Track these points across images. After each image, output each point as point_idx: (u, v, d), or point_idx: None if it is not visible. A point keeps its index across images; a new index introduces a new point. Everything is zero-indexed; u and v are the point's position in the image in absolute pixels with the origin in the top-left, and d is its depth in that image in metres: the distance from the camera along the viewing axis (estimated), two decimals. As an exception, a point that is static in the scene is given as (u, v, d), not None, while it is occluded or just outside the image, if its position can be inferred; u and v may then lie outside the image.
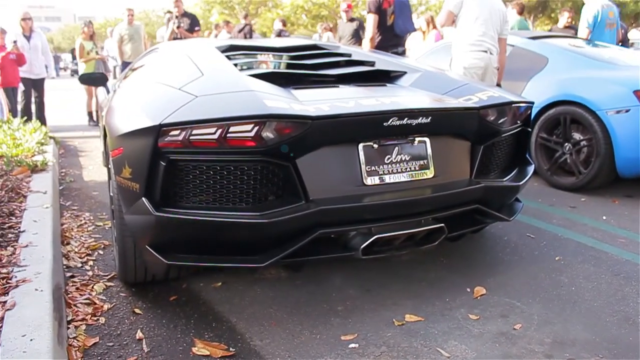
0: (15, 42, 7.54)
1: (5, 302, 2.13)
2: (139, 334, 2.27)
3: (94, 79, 4.69)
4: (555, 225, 3.63)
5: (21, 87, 7.80)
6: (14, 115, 7.14)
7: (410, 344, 2.19)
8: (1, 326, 1.95)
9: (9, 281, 2.32)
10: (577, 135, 4.43)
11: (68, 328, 2.27)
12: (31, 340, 1.85)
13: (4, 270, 2.42)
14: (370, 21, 5.52)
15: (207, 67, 2.79)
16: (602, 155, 4.18)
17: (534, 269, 2.90)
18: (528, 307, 2.49)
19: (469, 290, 2.65)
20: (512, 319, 2.39)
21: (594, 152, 4.25)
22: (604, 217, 3.80)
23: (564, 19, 8.27)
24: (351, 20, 8.78)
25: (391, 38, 5.65)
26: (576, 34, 7.81)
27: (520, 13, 8.48)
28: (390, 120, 2.30)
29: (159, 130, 2.10)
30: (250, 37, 10.31)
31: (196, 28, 8.40)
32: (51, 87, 11.67)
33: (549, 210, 3.99)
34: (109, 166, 2.74)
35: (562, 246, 3.24)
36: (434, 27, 8.02)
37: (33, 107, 8.03)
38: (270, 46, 3.68)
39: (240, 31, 10.54)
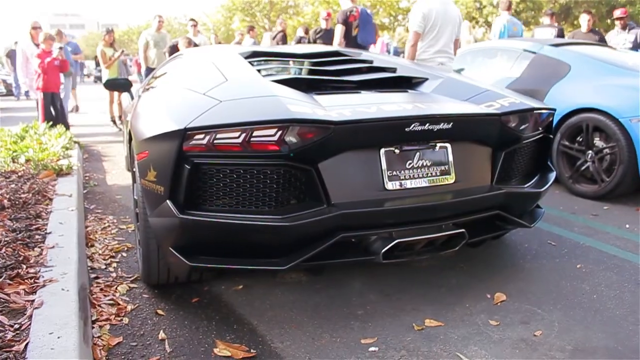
0: (61, 48, 7.59)
1: (33, 300, 2.18)
2: (162, 335, 2.31)
3: (119, 85, 4.76)
4: (577, 233, 3.60)
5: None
6: (49, 120, 7.13)
7: (429, 348, 2.20)
8: (30, 323, 2.00)
9: (37, 281, 2.38)
10: (599, 143, 4.39)
11: (93, 327, 2.32)
12: (58, 337, 1.89)
13: (32, 270, 2.48)
14: (338, 31, 6.64)
15: (231, 73, 2.83)
16: (626, 163, 4.14)
17: (555, 276, 2.89)
18: (549, 314, 2.47)
19: (489, 296, 2.65)
20: (532, 325, 2.38)
21: (617, 160, 4.21)
22: (627, 226, 3.76)
23: (585, 22, 8.10)
24: (327, 30, 8.89)
25: (354, 47, 6.45)
26: (600, 39, 7.74)
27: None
28: (412, 126, 2.31)
29: (184, 134, 2.14)
30: (285, 43, 10.44)
31: None
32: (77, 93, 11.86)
33: (570, 218, 3.96)
34: (134, 169, 2.78)
35: (584, 254, 3.21)
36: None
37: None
38: (292, 52, 3.72)
39: (274, 38, 10.70)
